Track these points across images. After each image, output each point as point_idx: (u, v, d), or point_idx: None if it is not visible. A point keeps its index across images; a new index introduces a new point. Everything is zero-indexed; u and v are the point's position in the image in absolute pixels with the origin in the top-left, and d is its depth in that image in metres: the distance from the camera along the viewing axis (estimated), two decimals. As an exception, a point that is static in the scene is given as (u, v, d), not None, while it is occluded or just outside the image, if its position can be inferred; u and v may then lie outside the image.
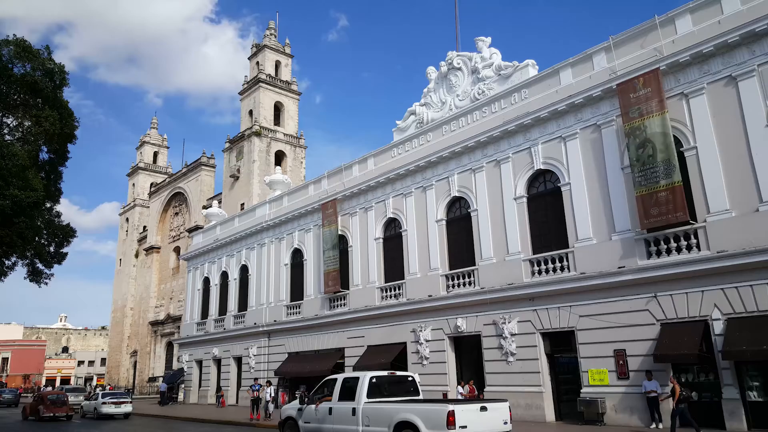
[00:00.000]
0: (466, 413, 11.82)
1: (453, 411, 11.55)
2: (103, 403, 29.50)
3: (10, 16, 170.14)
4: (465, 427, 11.54)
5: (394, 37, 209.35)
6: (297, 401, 16.50)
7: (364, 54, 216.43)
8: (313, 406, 14.88)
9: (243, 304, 36.10)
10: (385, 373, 15.01)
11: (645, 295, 17.28)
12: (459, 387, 21.46)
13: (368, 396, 13.62)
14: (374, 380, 14.07)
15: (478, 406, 12.41)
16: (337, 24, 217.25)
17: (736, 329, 15.14)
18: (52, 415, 28.64)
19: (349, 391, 14.16)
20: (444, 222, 24.34)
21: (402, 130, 27.60)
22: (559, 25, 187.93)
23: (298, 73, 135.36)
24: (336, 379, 14.98)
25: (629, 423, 16.98)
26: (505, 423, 12.55)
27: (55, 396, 30.63)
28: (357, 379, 14.24)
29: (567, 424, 18.50)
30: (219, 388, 35.82)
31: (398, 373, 15.40)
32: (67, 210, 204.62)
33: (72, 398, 35.85)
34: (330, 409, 14.27)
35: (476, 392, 20.85)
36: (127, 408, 29.91)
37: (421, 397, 14.72)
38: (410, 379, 15.00)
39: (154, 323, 66.11)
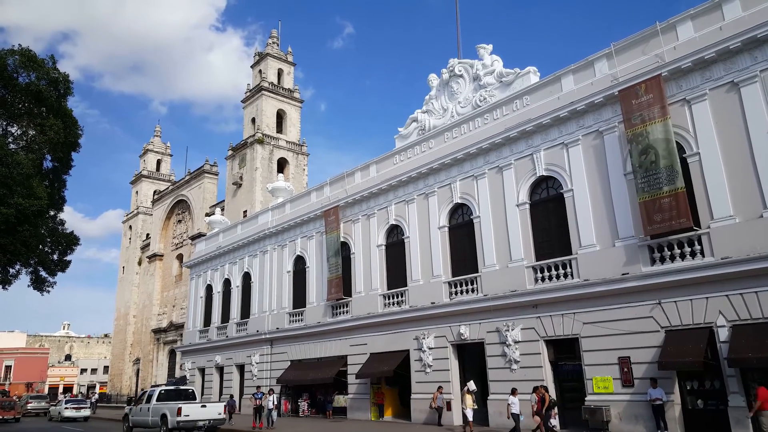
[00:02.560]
0: (189, 408, 21.07)
1: (181, 407, 20.72)
2: (66, 408, 36.46)
3: (15, 25, 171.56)
4: (188, 415, 20.75)
5: (396, 43, 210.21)
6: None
7: (367, 61, 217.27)
8: (135, 406, 24.08)
9: (245, 311, 36.07)
10: (172, 387, 24.91)
11: (649, 302, 17.19)
12: (510, 396, 18.33)
13: (157, 400, 22.47)
14: (162, 392, 23.09)
15: (200, 404, 22.07)
16: (342, 31, 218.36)
17: (741, 336, 15.04)
18: (1, 418, 34.22)
19: (150, 397, 23.05)
20: (446, 229, 24.32)
21: (404, 137, 27.64)
22: (561, 30, 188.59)
23: (303, 81, 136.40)
24: (146, 391, 24.33)
25: (634, 431, 16.86)
26: (219, 414, 22.11)
27: (6, 402, 36.82)
28: (155, 390, 23.35)
29: (571, 432, 18.40)
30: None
31: (182, 387, 25.11)
32: (71, 218, 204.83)
33: (35, 404, 45.97)
34: (140, 408, 23.40)
35: (542, 401, 17.77)
36: (85, 412, 36.81)
37: (198, 401, 23.03)
38: (190, 390, 24.12)
39: (157, 331, 66.06)
